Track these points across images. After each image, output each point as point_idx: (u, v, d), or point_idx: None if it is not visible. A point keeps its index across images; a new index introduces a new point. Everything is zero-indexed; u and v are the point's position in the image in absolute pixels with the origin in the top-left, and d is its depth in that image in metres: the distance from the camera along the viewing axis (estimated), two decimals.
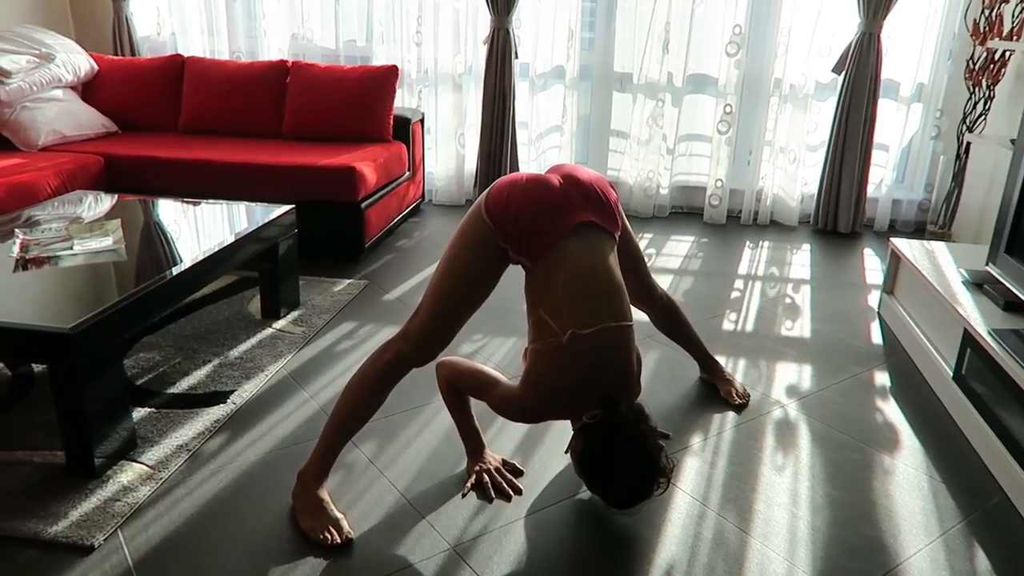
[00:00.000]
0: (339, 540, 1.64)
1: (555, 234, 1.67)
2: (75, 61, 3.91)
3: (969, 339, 2.20)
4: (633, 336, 1.71)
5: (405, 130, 3.96)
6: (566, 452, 1.75)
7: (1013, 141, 2.62)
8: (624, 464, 1.60)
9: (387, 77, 3.84)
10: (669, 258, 3.66)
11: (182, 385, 2.29)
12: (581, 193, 1.74)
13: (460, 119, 4.40)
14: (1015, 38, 3.49)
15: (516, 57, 4.18)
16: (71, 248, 2.23)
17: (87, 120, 3.79)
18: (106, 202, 2.79)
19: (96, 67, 4.04)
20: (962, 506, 1.86)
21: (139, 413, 2.12)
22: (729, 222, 4.32)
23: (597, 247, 1.71)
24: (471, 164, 4.47)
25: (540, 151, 4.46)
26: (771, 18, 4.03)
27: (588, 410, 1.63)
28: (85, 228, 2.34)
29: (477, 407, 1.94)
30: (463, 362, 1.86)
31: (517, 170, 4.35)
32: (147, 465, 1.89)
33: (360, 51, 4.48)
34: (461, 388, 1.86)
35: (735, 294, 3.20)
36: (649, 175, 4.31)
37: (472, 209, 1.75)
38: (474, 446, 1.93)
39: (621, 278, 1.74)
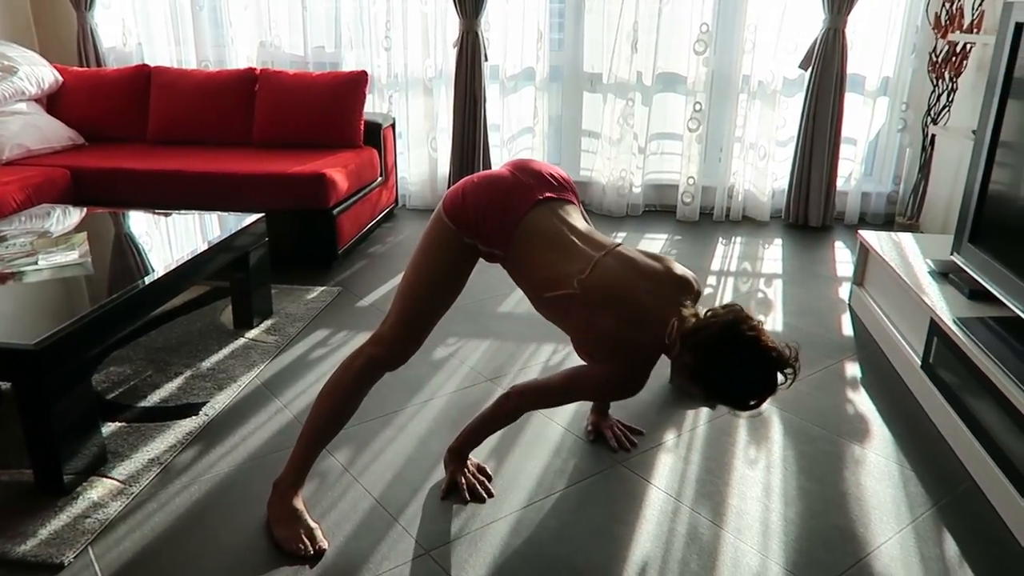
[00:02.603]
0: (312, 550, 1.63)
1: (516, 213, 1.71)
2: (39, 73, 3.86)
3: (936, 328, 2.23)
4: (637, 257, 1.70)
5: (376, 135, 3.95)
6: (670, 382, 1.75)
7: (975, 132, 2.66)
8: (746, 358, 1.48)
9: (357, 83, 3.83)
10: None
11: (153, 398, 2.27)
12: (532, 175, 1.78)
13: (432, 123, 4.39)
14: (975, 30, 3.54)
15: (486, 60, 4.18)
16: (36, 263, 2.20)
17: (53, 133, 3.74)
18: (74, 215, 2.75)
19: (61, 79, 3.99)
20: (931, 493, 1.88)
21: (109, 428, 2.09)
22: (702, 219, 4.35)
23: (560, 214, 1.75)
24: (444, 168, 4.47)
25: (512, 153, 4.47)
26: (738, 16, 4.06)
27: (663, 333, 1.58)
28: (51, 242, 2.31)
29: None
30: (538, 384, 1.79)
31: None
32: (118, 480, 1.87)
33: (329, 57, 4.46)
34: (549, 405, 1.88)
35: (708, 290, 3.22)
36: (621, 174, 4.32)
37: (433, 214, 1.78)
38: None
39: (593, 230, 1.78)
